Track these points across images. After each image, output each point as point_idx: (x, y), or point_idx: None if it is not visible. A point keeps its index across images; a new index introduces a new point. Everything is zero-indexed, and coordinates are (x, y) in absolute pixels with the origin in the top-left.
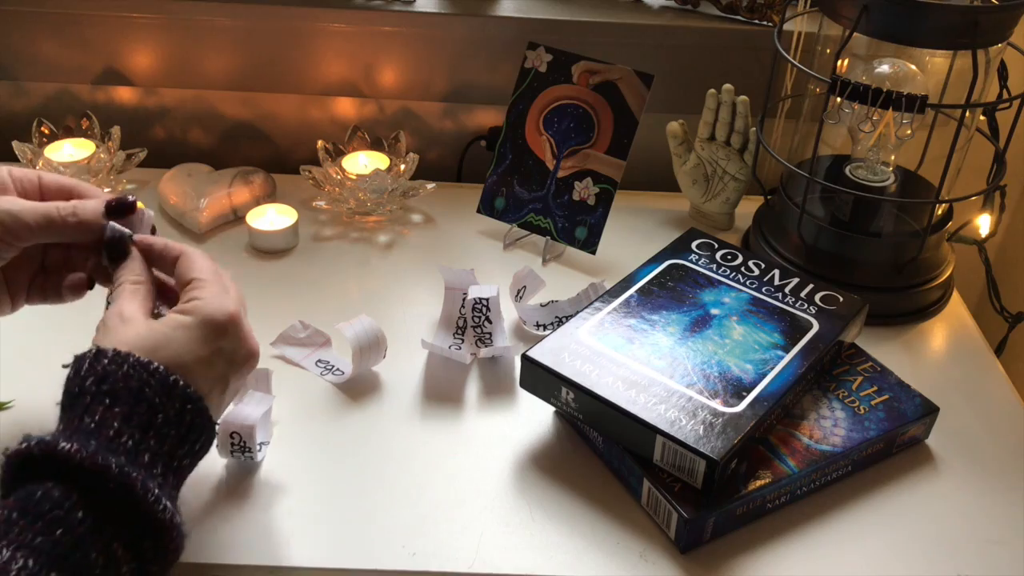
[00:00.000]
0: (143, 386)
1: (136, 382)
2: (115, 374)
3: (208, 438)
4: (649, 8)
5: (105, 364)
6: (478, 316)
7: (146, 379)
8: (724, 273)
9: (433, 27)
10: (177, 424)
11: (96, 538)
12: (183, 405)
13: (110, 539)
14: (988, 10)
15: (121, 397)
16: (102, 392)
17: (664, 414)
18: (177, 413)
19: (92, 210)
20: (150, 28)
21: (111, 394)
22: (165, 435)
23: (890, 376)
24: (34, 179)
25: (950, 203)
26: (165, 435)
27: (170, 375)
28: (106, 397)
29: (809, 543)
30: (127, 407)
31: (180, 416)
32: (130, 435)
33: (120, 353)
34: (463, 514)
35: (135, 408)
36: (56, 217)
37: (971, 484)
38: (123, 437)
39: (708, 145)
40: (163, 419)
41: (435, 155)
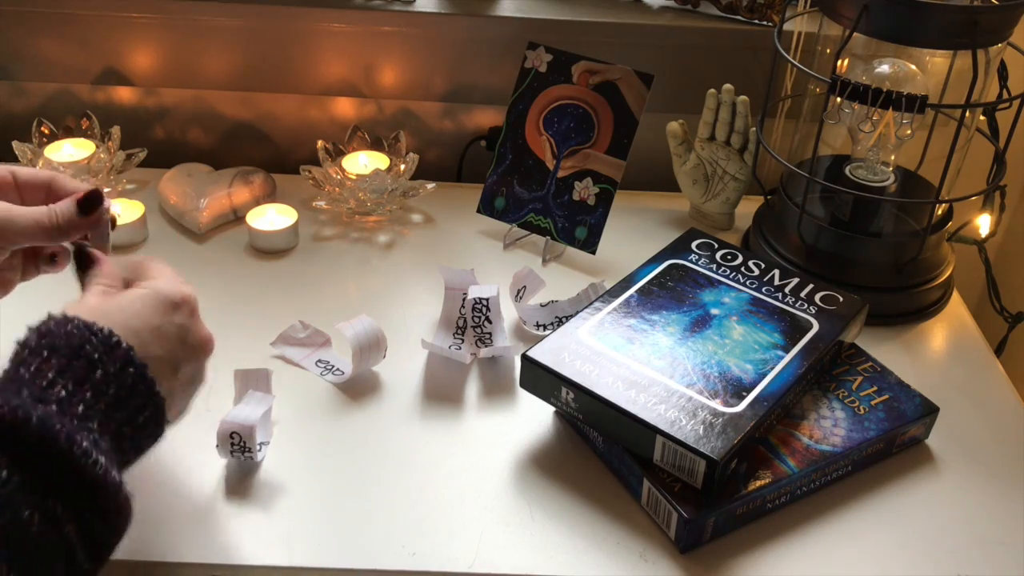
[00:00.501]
0: (84, 343)
1: (77, 339)
2: (57, 331)
3: (155, 413)
4: (649, 8)
5: (51, 325)
6: (478, 316)
7: (87, 336)
8: (724, 273)
9: (433, 27)
10: (117, 383)
11: (27, 495)
12: (124, 366)
13: (44, 496)
14: (988, 10)
15: (59, 350)
16: (41, 346)
17: (664, 414)
18: (117, 372)
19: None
20: (150, 28)
21: (50, 347)
22: (102, 391)
23: (890, 376)
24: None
25: (950, 203)
26: (102, 391)
27: (113, 336)
28: (44, 350)
29: (809, 543)
30: (64, 359)
31: (120, 376)
32: (63, 385)
33: (66, 316)
34: (463, 514)
35: (73, 361)
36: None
37: (971, 484)
38: (56, 387)
39: (708, 145)
40: (101, 374)
41: (435, 155)
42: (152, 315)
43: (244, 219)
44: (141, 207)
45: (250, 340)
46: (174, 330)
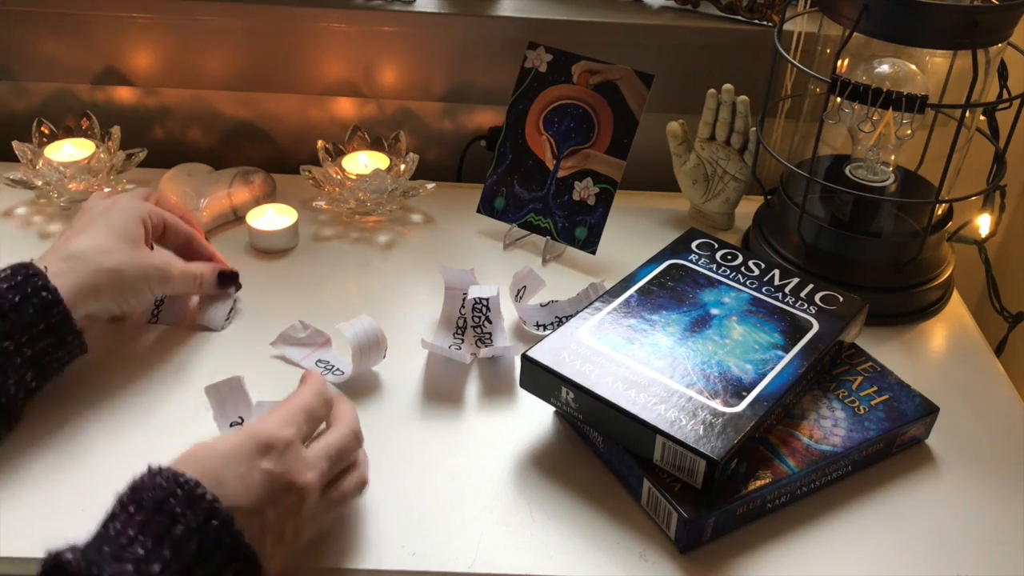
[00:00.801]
0: (168, 496)
1: (163, 493)
2: (145, 485)
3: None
4: (649, 8)
5: (144, 477)
6: (478, 316)
7: (172, 490)
8: (724, 273)
9: (433, 27)
10: (199, 538)
11: None
12: (207, 519)
13: None
14: (988, 10)
15: (145, 505)
16: (132, 500)
17: (664, 414)
18: (200, 525)
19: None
20: (150, 28)
21: (137, 502)
22: (183, 548)
23: (890, 376)
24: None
25: (950, 203)
26: (183, 548)
27: (198, 487)
28: (131, 505)
29: (809, 543)
30: (147, 515)
31: (203, 530)
32: (142, 543)
33: (160, 468)
34: (463, 514)
35: (154, 516)
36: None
37: (971, 484)
38: (135, 545)
39: (708, 145)
40: (182, 530)
41: (435, 155)
42: (239, 462)
43: (244, 219)
44: None
45: (250, 340)
46: (260, 476)
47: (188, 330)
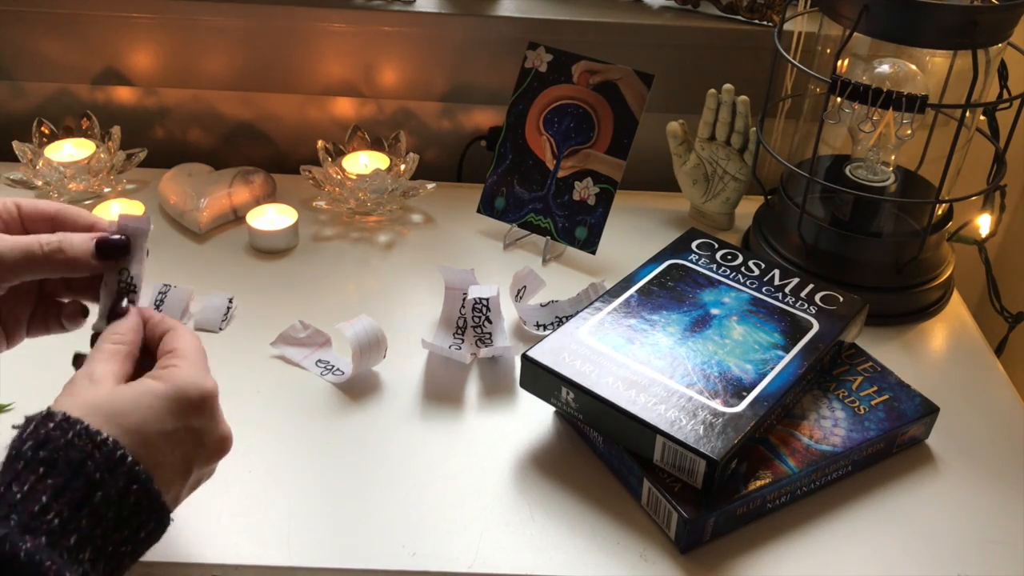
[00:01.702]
0: (85, 458)
1: (78, 453)
2: (57, 440)
3: (157, 527)
4: (649, 8)
5: (50, 429)
6: (478, 316)
7: (90, 451)
8: (724, 273)
9: (433, 27)
10: (118, 505)
11: None
12: (128, 484)
13: None
14: (988, 10)
15: (58, 467)
16: (38, 459)
17: (664, 414)
18: (120, 493)
19: (80, 248)
20: (150, 28)
21: (47, 462)
22: (101, 516)
23: (890, 376)
24: (11, 208)
25: (950, 203)
26: (101, 516)
27: (118, 449)
28: (41, 465)
29: (809, 543)
30: (62, 479)
31: (123, 496)
32: (58, 512)
33: (69, 419)
34: (463, 514)
35: (71, 482)
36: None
37: (971, 484)
38: (49, 514)
39: (708, 145)
40: (102, 497)
41: (435, 155)
42: (167, 420)
43: (244, 219)
44: (141, 207)
45: (250, 340)
46: (189, 435)
47: None
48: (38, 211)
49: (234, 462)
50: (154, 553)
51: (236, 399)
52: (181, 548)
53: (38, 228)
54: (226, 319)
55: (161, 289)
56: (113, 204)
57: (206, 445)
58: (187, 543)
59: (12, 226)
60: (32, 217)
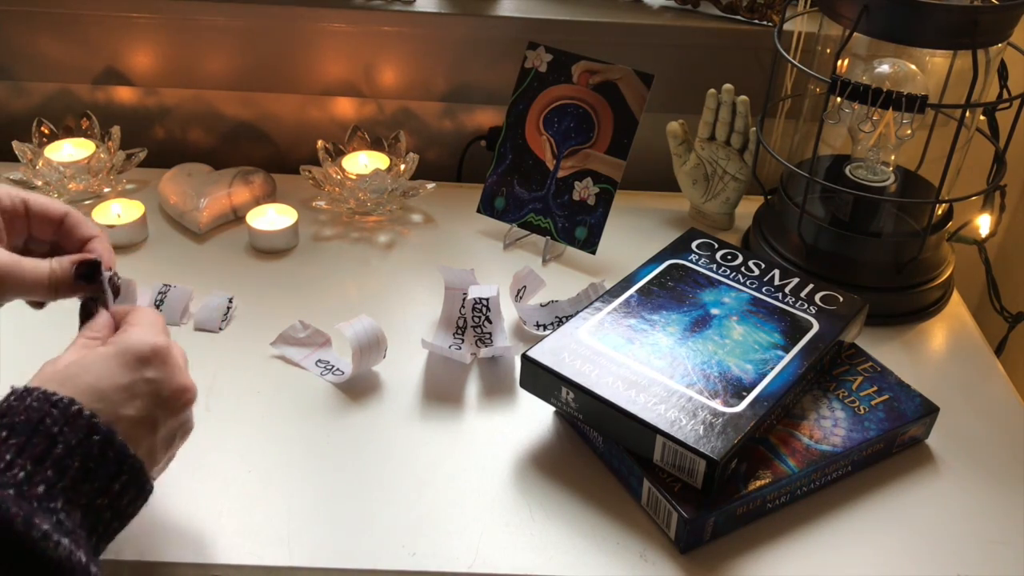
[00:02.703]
0: (43, 417)
1: (36, 414)
2: (16, 408)
3: (133, 477)
4: (649, 8)
5: (11, 400)
6: (478, 316)
7: (47, 410)
8: (724, 273)
9: (433, 27)
10: (82, 455)
11: None
12: (87, 435)
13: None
14: (988, 10)
15: (17, 428)
16: (1, 425)
17: (664, 414)
18: (80, 442)
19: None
20: (150, 28)
21: (9, 427)
22: (66, 466)
23: (890, 376)
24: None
25: (950, 203)
26: (66, 466)
27: (73, 405)
28: (3, 430)
29: (809, 543)
30: (23, 437)
31: (85, 446)
32: (22, 466)
33: (27, 388)
34: (463, 514)
35: (32, 438)
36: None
37: (971, 484)
38: (14, 469)
39: (708, 145)
40: (63, 448)
41: (435, 155)
42: (120, 373)
43: (244, 219)
44: (141, 207)
45: (250, 340)
46: (146, 387)
47: (188, 330)
48: (47, 212)
49: (234, 462)
50: (153, 553)
51: (236, 399)
52: (181, 548)
53: (43, 228)
54: (226, 319)
55: (161, 289)
56: (113, 204)
57: (164, 396)
58: (187, 543)
59: (17, 223)
60: (39, 217)
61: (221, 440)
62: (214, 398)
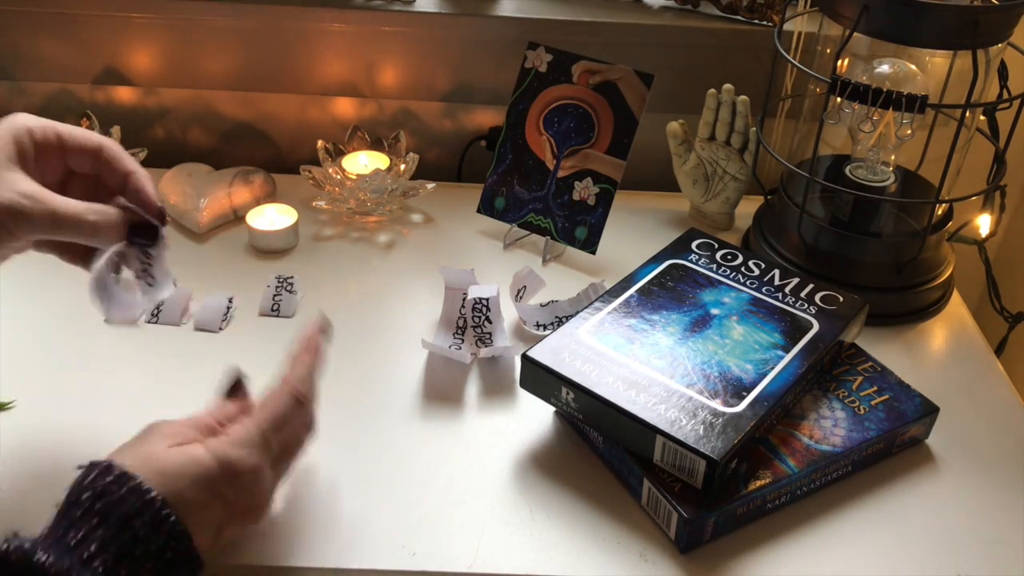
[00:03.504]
0: (134, 514)
1: (128, 508)
2: (112, 494)
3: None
4: (649, 8)
5: (108, 482)
6: (478, 316)
7: (139, 508)
8: (724, 273)
9: (433, 27)
10: (156, 558)
11: None
12: (167, 541)
13: None
14: (988, 10)
15: (109, 520)
16: (94, 510)
17: (664, 414)
18: (159, 548)
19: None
20: (150, 28)
21: (100, 514)
22: (140, 567)
23: (890, 376)
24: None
25: (950, 203)
26: (140, 567)
27: (164, 508)
28: (95, 516)
29: (809, 543)
30: (111, 531)
31: (161, 552)
32: (103, 561)
33: (125, 474)
34: (463, 514)
35: (119, 535)
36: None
37: (971, 484)
38: (95, 561)
39: (708, 145)
40: (143, 551)
41: (435, 155)
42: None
43: (244, 219)
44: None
45: (250, 340)
46: (221, 504)
47: (187, 330)
48: (80, 146)
49: None
50: None
51: None
52: None
53: (80, 162)
54: (226, 319)
55: None
56: None
57: (235, 513)
58: None
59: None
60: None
61: None
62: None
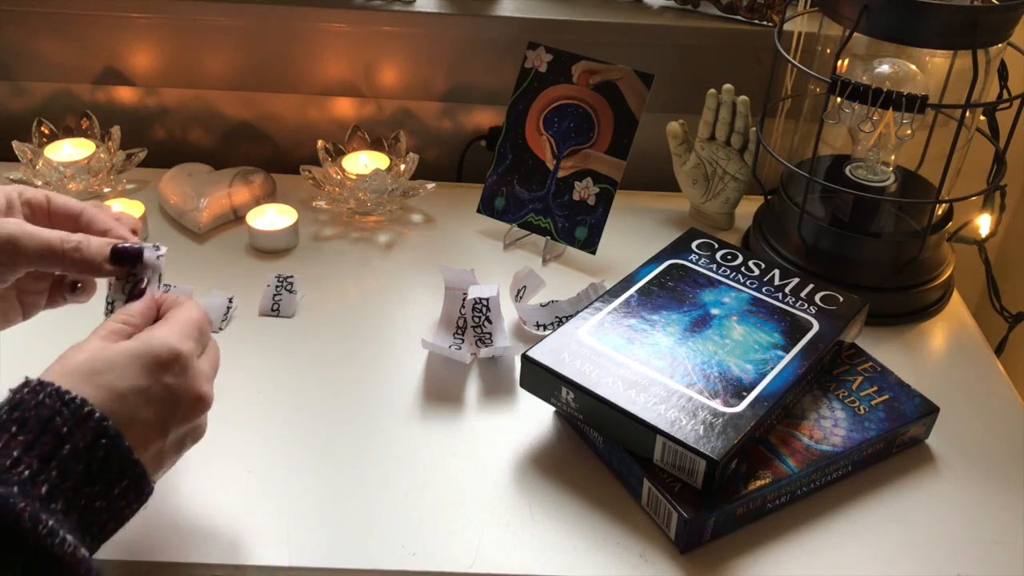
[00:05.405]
0: (54, 415)
1: (47, 411)
2: (28, 403)
3: (132, 485)
4: (649, 8)
5: (24, 393)
6: (478, 316)
7: (58, 408)
8: (724, 273)
9: (433, 27)
10: (87, 458)
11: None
12: (95, 439)
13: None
14: (988, 10)
15: (28, 425)
16: (12, 420)
17: (664, 414)
18: (88, 446)
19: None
20: (150, 28)
21: (19, 422)
22: (70, 468)
23: (890, 376)
24: (43, 200)
25: (950, 203)
26: (70, 468)
27: (86, 406)
28: (13, 425)
29: (809, 543)
30: (32, 435)
31: (91, 450)
32: (27, 464)
33: (41, 383)
34: (463, 514)
35: (40, 437)
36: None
37: (971, 484)
38: (20, 467)
39: (708, 145)
40: (70, 450)
41: (435, 155)
42: (139, 375)
43: (244, 219)
44: (141, 207)
45: (250, 340)
46: (162, 392)
47: None
48: (66, 209)
49: (234, 462)
50: (154, 553)
51: (236, 399)
52: (181, 548)
53: (62, 224)
54: (226, 319)
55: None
56: (113, 204)
57: (180, 403)
58: (187, 543)
59: (39, 216)
60: (59, 213)
61: (221, 440)
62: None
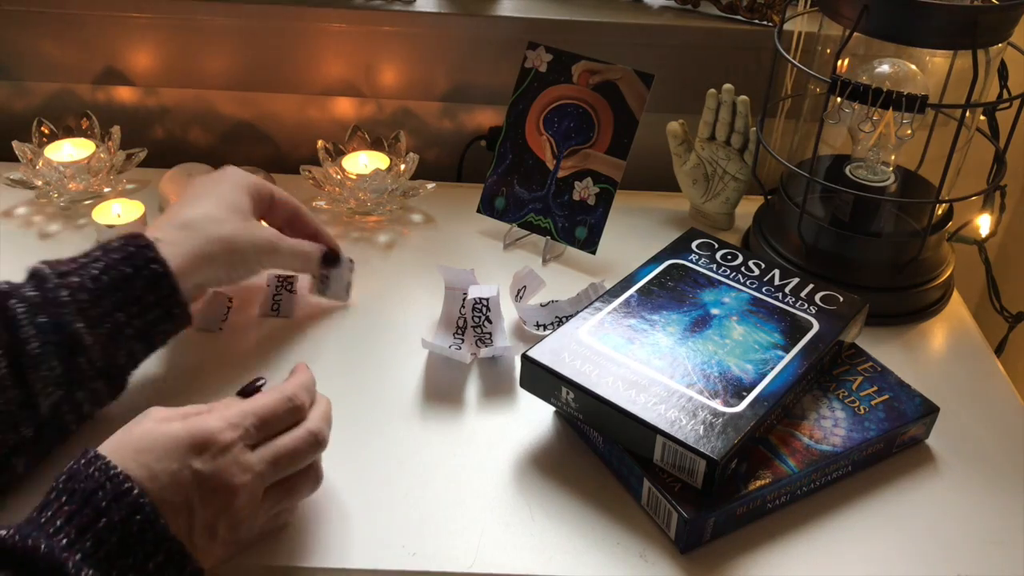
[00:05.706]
0: (97, 489)
1: (93, 484)
2: (80, 474)
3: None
4: (649, 8)
5: (81, 463)
6: (478, 316)
7: (102, 483)
8: (724, 273)
9: (433, 27)
10: (121, 531)
11: None
12: (131, 513)
13: None
14: (988, 10)
15: (75, 496)
16: (64, 489)
17: (664, 414)
18: (123, 520)
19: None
20: (150, 28)
21: (68, 492)
22: (103, 540)
23: (890, 376)
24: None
25: (950, 203)
26: (103, 540)
27: (126, 483)
28: (63, 495)
29: (809, 543)
30: (75, 506)
31: (126, 524)
32: (66, 533)
33: (96, 455)
34: (463, 514)
35: (82, 509)
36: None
37: (971, 484)
38: (60, 535)
39: (708, 145)
40: (105, 523)
41: (435, 155)
42: (172, 457)
43: None
44: (141, 207)
45: (249, 340)
46: (189, 475)
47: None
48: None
49: None
50: None
51: None
52: None
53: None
54: (226, 319)
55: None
56: (113, 204)
57: (204, 489)
58: None
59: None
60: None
61: None
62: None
